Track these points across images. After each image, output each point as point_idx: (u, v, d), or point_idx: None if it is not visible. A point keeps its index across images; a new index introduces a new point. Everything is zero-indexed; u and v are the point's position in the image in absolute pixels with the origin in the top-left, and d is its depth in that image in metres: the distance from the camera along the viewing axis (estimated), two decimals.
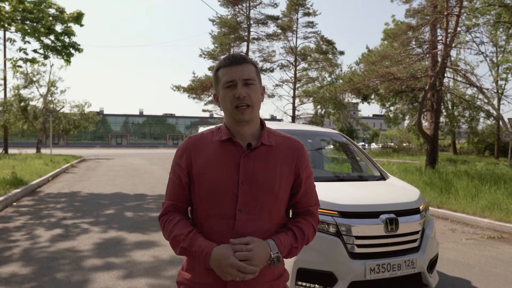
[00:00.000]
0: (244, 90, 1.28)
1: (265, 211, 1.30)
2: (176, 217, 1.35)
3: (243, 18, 28.81)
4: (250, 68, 1.31)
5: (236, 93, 1.27)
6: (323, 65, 29.43)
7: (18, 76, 25.76)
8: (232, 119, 1.32)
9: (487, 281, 4.06)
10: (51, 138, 21.46)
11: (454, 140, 33.10)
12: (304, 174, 1.38)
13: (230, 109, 1.30)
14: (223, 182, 1.29)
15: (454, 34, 11.78)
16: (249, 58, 1.35)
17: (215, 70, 1.35)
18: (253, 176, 1.29)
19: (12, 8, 11.09)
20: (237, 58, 1.31)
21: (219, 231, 1.28)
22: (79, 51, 12.64)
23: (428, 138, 12.64)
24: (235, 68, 1.28)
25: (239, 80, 1.28)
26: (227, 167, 1.30)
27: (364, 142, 44.37)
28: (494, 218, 6.72)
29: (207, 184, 1.31)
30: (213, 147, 1.34)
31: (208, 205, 1.31)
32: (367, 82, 12.54)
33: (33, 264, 4.20)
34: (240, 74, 1.28)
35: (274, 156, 1.34)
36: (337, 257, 2.96)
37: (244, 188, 1.28)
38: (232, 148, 1.33)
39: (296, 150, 1.38)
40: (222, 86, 1.31)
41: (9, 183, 9.13)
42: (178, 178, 1.37)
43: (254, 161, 1.31)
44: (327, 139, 5.05)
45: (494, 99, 24.22)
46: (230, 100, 1.29)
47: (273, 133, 1.39)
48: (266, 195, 1.30)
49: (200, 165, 1.33)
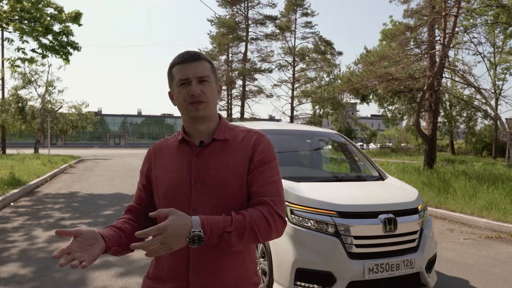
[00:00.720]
0: (199, 87, 1.25)
1: (220, 209, 1.22)
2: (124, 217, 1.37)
3: (241, 18, 28.82)
4: (204, 65, 1.27)
5: (190, 91, 1.24)
6: (322, 65, 29.49)
7: (16, 76, 25.71)
8: (187, 116, 1.29)
9: (485, 281, 4.08)
10: (49, 138, 21.41)
11: (452, 140, 33.20)
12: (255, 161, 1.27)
13: (184, 106, 1.27)
14: (177, 183, 1.27)
15: (452, 34, 11.83)
16: (203, 54, 1.31)
17: (170, 68, 1.31)
18: (205, 174, 1.25)
19: (10, 7, 11.05)
20: (191, 55, 1.27)
21: None
22: (77, 50, 12.60)
23: (426, 138, 12.67)
24: (189, 66, 1.25)
25: (193, 78, 1.25)
26: (181, 168, 1.28)
27: (362, 142, 44.45)
28: (492, 218, 6.75)
29: (163, 186, 1.30)
30: (171, 150, 1.35)
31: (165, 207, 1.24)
32: (366, 82, 12.56)
33: (31, 265, 4.20)
34: (194, 71, 1.25)
35: (228, 150, 1.29)
36: (335, 257, 2.97)
37: (196, 187, 1.25)
38: (185, 147, 1.31)
39: (253, 140, 1.30)
40: (176, 84, 1.27)
41: (7, 183, 9.10)
42: (140, 182, 1.41)
43: (207, 158, 1.27)
44: (326, 139, 5.05)
45: (492, 99, 24.30)
46: (184, 98, 1.26)
47: (233, 129, 1.36)
48: (220, 192, 1.24)
49: (157, 168, 1.34)
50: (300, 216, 3.10)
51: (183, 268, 1.23)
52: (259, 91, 29.13)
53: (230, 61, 29.41)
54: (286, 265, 3.05)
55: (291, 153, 4.54)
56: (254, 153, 1.28)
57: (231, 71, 28.29)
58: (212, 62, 1.35)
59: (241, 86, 28.87)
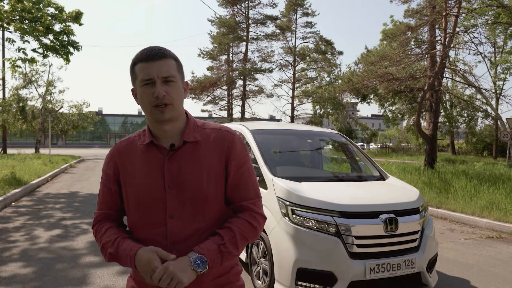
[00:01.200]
0: (164, 88, 1.17)
1: (198, 213, 1.22)
2: (105, 225, 1.29)
3: (242, 18, 28.81)
4: (169, 64, 1.20)
5: (154, 92, 1.17)
6: (322, 65, 29.48)
7: (17, 76, 25.74)
8: (151, 118, 1.23)
9: (485, 281, 4.08)
10: (50, 138, 21.42)
11: (453, 140, 33.18)
12: (232, 165, 1.26)
13: (149, 108, 1.20)
14: (150, 190, 1.22)
15: (452, 34, 11.82)
16: (168, 51, 1.23)
17: (132, 65, 1.23)
18: (180, 178, 1.21)
19: (11, 7, 11.06)
20: (155, 52, 1.19)
21: (153, 240, 1.21)
22: (78, 50, 12.61)
23: (427, 138, 12.67)
24: (153, 64, 1.17)
25: (157, 78, 1.17)
26: (152, 173, 1.23)
27: (362, 142, 44.43)
28: (492, 218, 6.74)
29: (133, 192, 1.24)
30: (137, 153, 1.27)
31: (137, 214, 1.24)
32: (366, 82, 12.56)
33: (33, 264, 4.20)
34: (158, 71, 1.17)
35: (200, 152, 1.24)
36: (337, 257, 2.97)
37: (171, 193, 1.21)
38: (155, 151, 1.24)
39: (226, 140, 1.27)
40: (139, 83, 1.20)
41: (8, 183, 9.11)
42: (107, 186, 1.31)
43: (179, 162, 1.23)
44: (327, 139, 5.06)
45: (493, 99, 24.28)
46: (148, 99, 1.19)
47: (202, 127, 1.30)
48: (196, 196, 1.21)
49: (126, 173, 1.27)
50: (301, 216, 3.10)
51: None
52: (260, 91, 29.12)
53: (231, 61, 29.42)
54: (287, 265, 3.05)
55: (292, 153, 4.55)
56: (229, 155, 1.25)
57: (232, 71, 28.29)
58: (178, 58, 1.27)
59: (241, 86, 28.87)
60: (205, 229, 1.22)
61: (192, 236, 1.20)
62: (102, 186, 1.32)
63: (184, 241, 1.20)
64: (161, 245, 1.19)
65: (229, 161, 1.25)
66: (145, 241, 1.22)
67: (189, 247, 1.18)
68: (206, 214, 1.22)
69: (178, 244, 1.20)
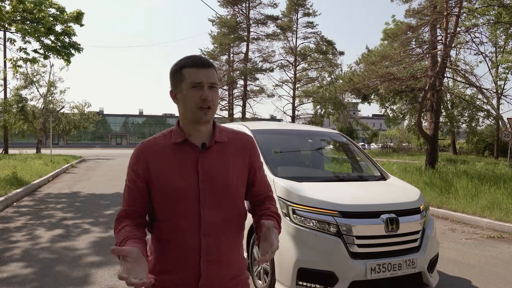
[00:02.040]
0: (210, 93, 1.33)
1: (226, 204, 1.38)
2: (122, 223, 1.36)
3: (242, 18, 28.82)
4: (214, 73, 1.36)
5: (202, 95, 1.32)
6: (323, 65, 29.46)
7: (18, 77, 25.78)
8: (192, 118, 1.35)
9: (487, 281, 4.08)
10: (51, 138, 21.46)
11: (454, 140, 33.12)
12: (257, 165, 1.50)
13: (193, 109, 1.33)
14: (184, 184, 1.34)
15: (453, 34, 11.80)
16: (212, 62, 1.41)
17: (179, 68, 1.36)
18: (210, 173, 1.36)
19: (12, 8, 11.09)
20: (204, 61, 1.36)
21: (186, 229, 1.34)
22: (79, 51, 12.63)
23: (428, 138, 12.65)
24: (203, 71, 1.33)
25: (206, 83, 1.32)
26: (186, 169, 1.35)
27: (363, 142, 44.40)
28: (493, 218, 6.74)
29: (167, 187, 1.34)
30: (168, 151, 1.38)
31: (171, 207, 1.35)
32: (367, 82, 12.54)
33: (34, 265, 4.21)
34: (207, 77, 1.33)
35: (227, 151, 1.42)
36: (337, 257, 2.97)
37: (204, 187, 1.35)
38: (188, 149, 1.38)
39: (248, 143, 1.48)
40: (188, 86, 1.33)
41: (9, 183, 9.13)
42: (134, 184, 1.38)
43: (210, 159, 1.38)
44: (327, 139, 5.06)
45: (494, 99, 24.23)
46: (195, 101, 1.32)
47: (224, 129, 1.47)
48: (225, 189, 1.38)
49: (158, 169, 1.36)
50: (302, 216, 3.10)
51: (194, 258, 1.33)
52: (261, 91, 29.13)
53: (232, 61, 29.42)
54: (288, 265, 3.05)
55: (293, 153, 4.55)
56: (252, 157, 1.47)
57: (233, 71, 28.30)
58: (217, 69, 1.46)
59: (242, 86, 28.88)
60: (230, 217, 1.40)
61: (219, 224, 1.36)
62: (129, 183, 1.40)
63: (213, 229, 1.35)
64: (194, 234, 1.33)
65: (253, 162, 1.47)
66: (177, 231, 1.34)
67: (217, 234, 1.35)
68: (232, 205, 1.40)
69: (208, 232, 1.34)
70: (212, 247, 1.34)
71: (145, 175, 1.36)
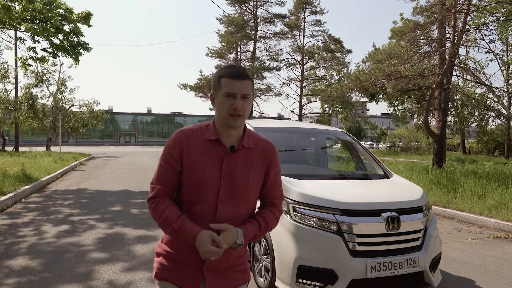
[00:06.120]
0: (241, 103, 1.47)
1: (241, 202, 1.55)
2: (167, 201, 1.53)
3: (250, 17, 28.80)
4: (249, 84, 1.49)
5: (234, 104, 1.46)
6: (331, 64, 29.30)
7: (28, 75, 26.16)
8: (224, 123, 1.51)
9: (491, 281, 4.03)
10: (61, 136, 21.74)
11: (463, 139, 32.69)
12: (272, 171, 1.63)
13: (225, 115, 1.49)
14: (208, 176, 1.51)
15: (462, 32, 11.64)
16: (249, 73, 1.53)
17: (218, 76, 1.51)
18: (232, 173, 1.52)
19: (22, 8, 11.26)
20: (241, 73, 1.48)
21: (203, 216, 1.50)
22: (87, 50, 12.77)
23: (435, 137, 12.52)
24: (238, 83, 1.47)
25: (238, 94, 1.47)
26: (213, 164, 1.52)
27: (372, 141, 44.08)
28: (501, 218, 6.65)
29: (195, 176, 1.51)
30: (202, 144, 1.54)
31: (194, 194, 1.52)
32: (374, 81, 12.45)
33: (40, 259, 4.28)
34: (240, 89, 1.47)
35: (251, 156, 1.57)
36: (338, 255, 2.96)
37: (224, 182, 1.51)
38: (218, 148, 1.54)
39: (270, 151, 1.63)
40: (223, 94, 1.48)
41: (18, 180, 9.29)
42: (170, 165, 1.53)
43: (234, 160, 1.54)
44: (331, 138, 5.04)
45: (505, 98, 23.84)
46: (227, 108, 1.47)
47: (252, 135, 1.61)
48: (243, 189, 1.54)
49: (190, 158, 1.52)
50: (303, 214, 3.10)
51: None
52: (268, 90, 29.10)
53: (239, 60, 29.43)
54: (288, 262, 3.06)
55: (296, 151, 4.54)
56: (270, 163, 1.62)
57: None
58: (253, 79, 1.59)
59: None
60: (244, 215, 1.57)
61: (233, 219, 1.51)
62: (164, 164, 1.54)
63: (226, 221, 1.49)
64: (208, 221, 1.48)
65: (270, 168, 1.62)
66: (196, 215, 1.50)
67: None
68: (247, 204, 1.57)
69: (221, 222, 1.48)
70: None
71: (180, 159, 1.52)
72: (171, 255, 1.56)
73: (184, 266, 1.54)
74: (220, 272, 1.54)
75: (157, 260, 1.60)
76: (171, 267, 1.55)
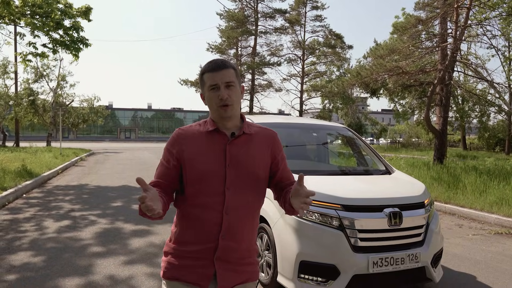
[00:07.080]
0: (226, 92, 1.49)
1: (248, 188, 1.54)
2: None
3: (250, 12, 28.66)
4: (230, 72, 1.51)
5: (219, 95, 1.49)
6: (332, 59, 29.19)
7: (28, 70, 26.09)
8: (217, 115, 1.54)
9: (492, 277, 4.03)
10: (61, 131, 21.72)
11: (464, 135, 32.64)
12: (279, 156, 1.65)
13: (215, 108, 1.52)
14: (213, 166, 1.51)
15: (464, 27, 11.57)
16: (229, 62, 1.55)
17: (201, 74, 1.55)
18: (237, 159, 1.53)
19: (21, 2, 11.19)
20: (218, 64, 1.51)
21: (211, 206, 1.50)
22: (87, 46, 12.71)
23: (437, 133, 12.49)
24: (218, 73, 1.49)
25: (221, 84, 1.49)
26: (215, 153, 1.52)
27: (372, 137, 44.04)
28: (502, 213, 6.64)
29: (198, 167, 1.51)
30: (201, 137, 1.56)
31: (199, 185, 1.51)
32: (375, 76, 12.40)
33: (41, 254, 4.29)
34: (222, 78, 1.49)
35: (253, 142, 1.58)
36: (340, 250, 2.96)
37: (230, 170, 1.51)
38: (218, 137, 1.55)
39: (271, 137, 1.65)
40: (207, 88, 1.52)
41: (19, 175, 9.29)
42: (167, 161, 1.56)
43: (237, 147, 1.54)
44: (332, 133, 5.02)
45: (506, 94, 23.79)
46: (215, 101, 1.51)
47: (252, 125, 1.63)
48: (248, 174, 1.53)
49: (191, 151, 1.53)
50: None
51: (214, 233, 1.49)
52: (268, 85, 29.02)
53: (239, 55, 29.32)
54: (290, 257, 3.06)
55: (297, 146, 4.53)
56: (275, 149, 1.63)
57: (240, 65, 28.20)
58: (236, 67, 1.59)
59: (250, 80, 28.80)
60: (252, 201, 1.55)
61: (240, 206, 1.51)
62: (163, 161, 1.58)
63: (236, 209, 1.50)
64: (216, 211, 1.48)
65: (276, 154, 1.63)
66: (203, 206, 1.50)
67: (236, 214, 1.50)
68: (255, 190, 1.55)
69: (230, 211, 1.49)
70: (231, 224, 1.49)
71: (178, 156, 1.54)
72: (180, 252, 1.54)
73: (193, 260, 1.51)
74: (231, 262, 1.53)
75: (165, 259, 1.57)
76: (180, 264, 1.53)
